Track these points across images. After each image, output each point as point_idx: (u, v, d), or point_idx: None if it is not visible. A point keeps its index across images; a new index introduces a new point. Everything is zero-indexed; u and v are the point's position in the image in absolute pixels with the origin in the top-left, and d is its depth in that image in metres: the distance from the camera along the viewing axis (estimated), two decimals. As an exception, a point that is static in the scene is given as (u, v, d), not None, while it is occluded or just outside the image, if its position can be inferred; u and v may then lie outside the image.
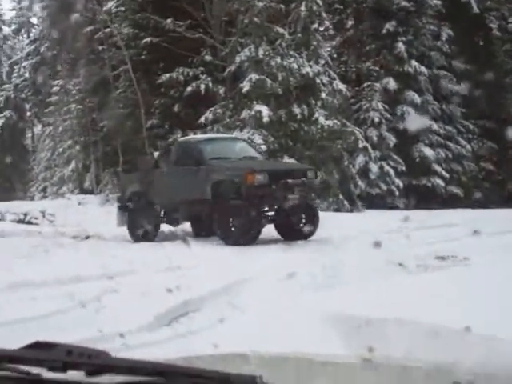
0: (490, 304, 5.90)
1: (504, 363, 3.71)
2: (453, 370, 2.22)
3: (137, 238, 14.36)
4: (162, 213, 14.91)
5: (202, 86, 25.18)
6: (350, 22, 29.32)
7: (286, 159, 21.18)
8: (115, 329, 5.69)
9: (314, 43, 24.23)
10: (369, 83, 26.49)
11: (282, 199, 12.98)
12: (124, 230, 14.97)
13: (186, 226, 15.00)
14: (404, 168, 25.89)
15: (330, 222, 14.45)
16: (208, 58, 26.05)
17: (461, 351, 4.29)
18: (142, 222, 14.57)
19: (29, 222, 18.70)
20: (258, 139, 21.79)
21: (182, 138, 17.51)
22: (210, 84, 25.26)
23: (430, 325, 5.05)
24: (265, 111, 21.96)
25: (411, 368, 2.31)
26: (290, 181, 13.11)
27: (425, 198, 26.62)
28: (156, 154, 17.42)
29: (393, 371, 2.22)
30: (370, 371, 2.23)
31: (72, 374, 1.46)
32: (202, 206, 13.70)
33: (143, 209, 14.78)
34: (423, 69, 27.25)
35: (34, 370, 1.48)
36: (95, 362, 1.46)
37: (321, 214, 14.28)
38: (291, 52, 23.16)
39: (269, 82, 22.32)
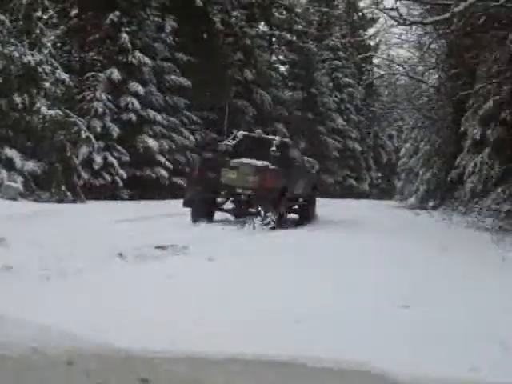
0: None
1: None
2: None
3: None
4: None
5: None
6: (74, 11, 29.01)
7: (8, 150, 20.70)
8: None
9: (37, 31, 23.65)
10: (92, 73, 26.39)
11: None
12: None
13: None
14: (128, 159, 26.22)
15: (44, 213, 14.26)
16: None
17: None
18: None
19: None
20: (-23, 129, 21.08)
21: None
22: None
23: None
24: (-16, 100, 21.28)
25: None
26: None
27: (149, 189, 27.30)
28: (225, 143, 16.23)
29: None
30: None
31: None
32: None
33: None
34: (147, 60, 27.66)
35: None
36: None
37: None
38: (12, 40, 22.49)
39: (-12, 69, 21.60)
